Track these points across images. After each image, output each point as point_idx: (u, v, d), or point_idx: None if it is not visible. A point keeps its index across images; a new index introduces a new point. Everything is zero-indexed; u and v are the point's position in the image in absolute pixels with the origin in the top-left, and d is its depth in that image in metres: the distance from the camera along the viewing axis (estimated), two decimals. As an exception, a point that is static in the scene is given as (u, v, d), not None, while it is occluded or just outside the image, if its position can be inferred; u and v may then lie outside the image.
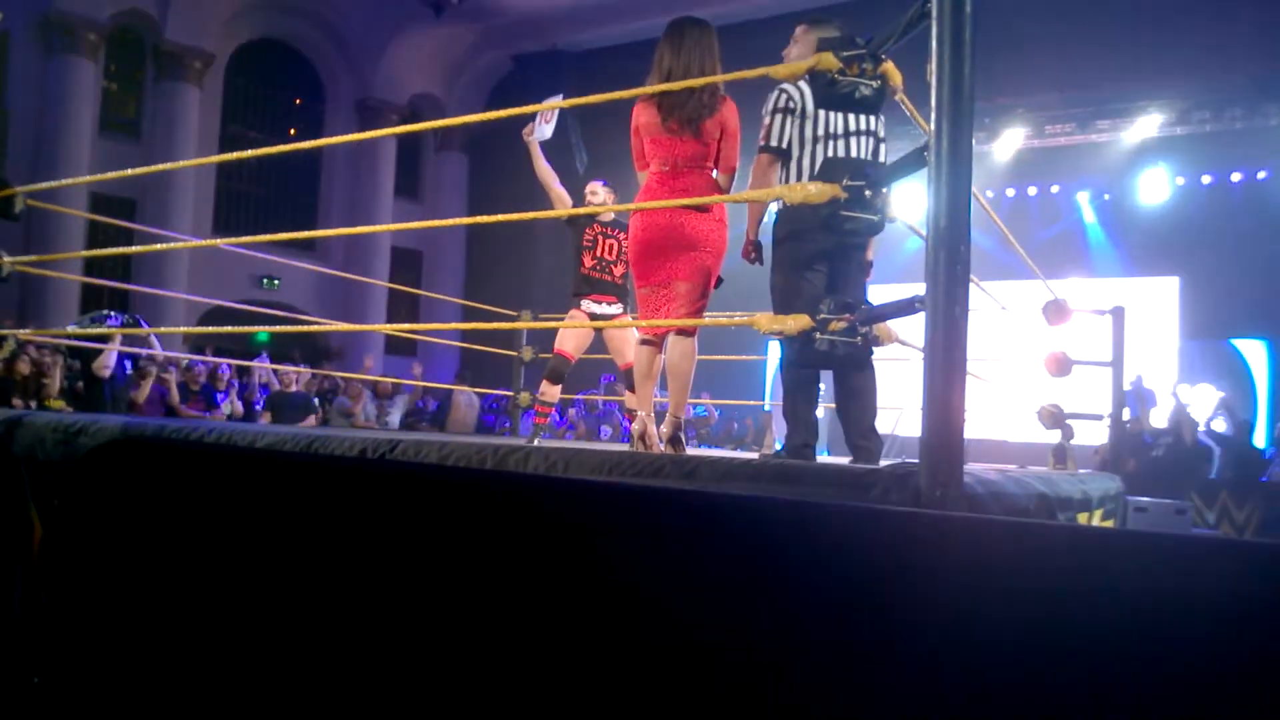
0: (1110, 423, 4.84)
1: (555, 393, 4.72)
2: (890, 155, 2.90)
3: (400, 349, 15.07)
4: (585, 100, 2.82)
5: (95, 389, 6.66)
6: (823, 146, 3.00)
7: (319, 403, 9.01)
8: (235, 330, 4.10)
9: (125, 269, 13.05)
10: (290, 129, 15.81)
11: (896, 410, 8.27)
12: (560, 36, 14.83)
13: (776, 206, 3.14)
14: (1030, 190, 12.47)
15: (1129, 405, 6.01)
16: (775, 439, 9.01)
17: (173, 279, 12.95)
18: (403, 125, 3.92)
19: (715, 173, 3.24)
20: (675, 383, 3.28)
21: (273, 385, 8.95)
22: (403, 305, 15.55)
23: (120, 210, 12.45)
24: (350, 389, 9.29)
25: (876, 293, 3.22)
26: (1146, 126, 11.28)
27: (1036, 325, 4.70)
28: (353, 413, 9.11)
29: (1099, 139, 11.76)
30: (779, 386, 3.18)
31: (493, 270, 15.50)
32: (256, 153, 3.59)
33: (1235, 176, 11.33)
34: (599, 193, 4.73)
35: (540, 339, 6.36)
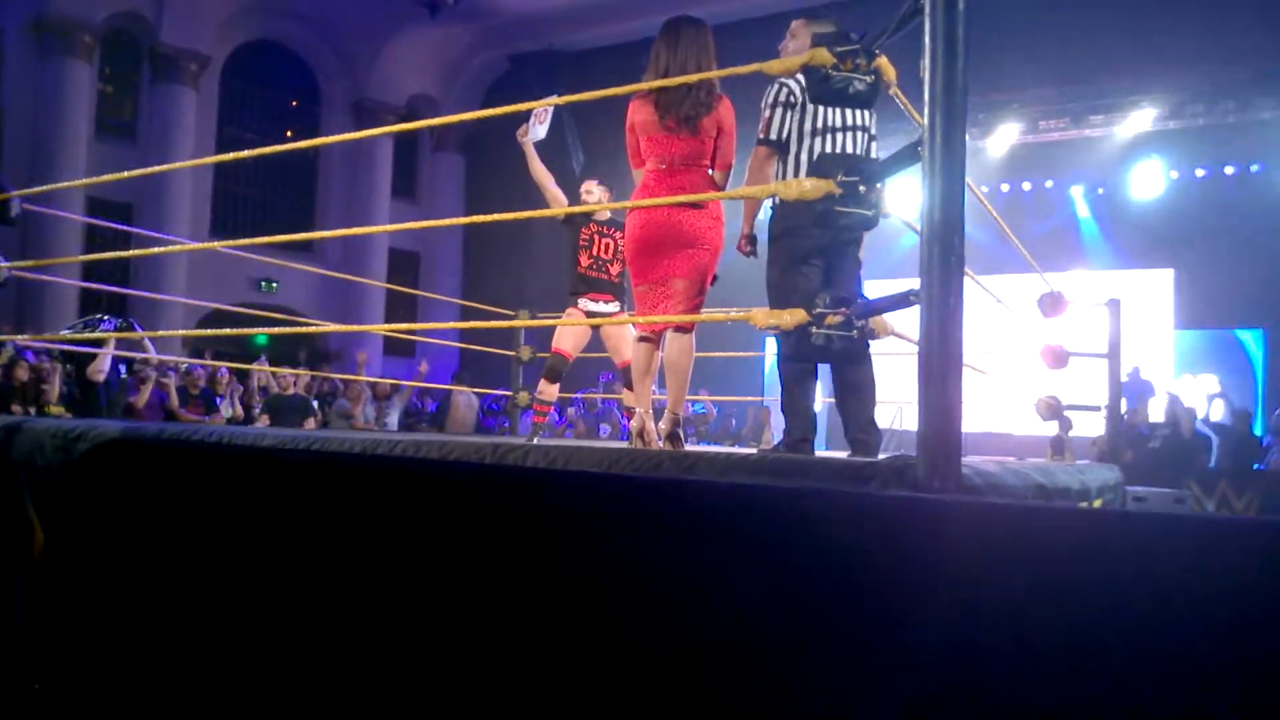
0: (1107, 414, 4.85)
1: (554, 391, 4.73)
2: (885, 153, 2.90)
3: (399, 350, 15.07)
4: (581, 97, 2.82)
5: (90, 394, 6.64)
6: (819, 141, 3.01)
7: (319, 405, 9.01)
8: (233, 333, 4.10)
9: (123, 273, 13.04)
10: (287, 131, 15.80)
11: (896, 405, 8.30)
12: (556, 36, 14.83)
13: (772, 202, 3.15)
14: (1024, 185, 12.50)
15: (1126, 397, 6.03)
16: (773, 434, 9.03)
17: (171, 283, 12.94)
18: (399, 126, 3.91)
19: (712, 171, 3.25)
20: (673, 379, 3.30)
21: (271, 388, 8.95)
22: (401, 306, 15.55)
23: (117, 214, 12.43)
24: (350, 391, 9.29)
25: (873, 288, 3.24)
26: (1140, 121, 11.31)
27: (1033, 318, 4.71)
28: (352, 414, 9.12)
29: (1093, 134, 11.78)
30: (777, 382, 3.19)
31: (490, 271, 15.50)
32: (253, 153, 3.60)
33: (1229, 170, 11.36)
34: (594, 191, 4.74)
35: (538, 338, 6.37)
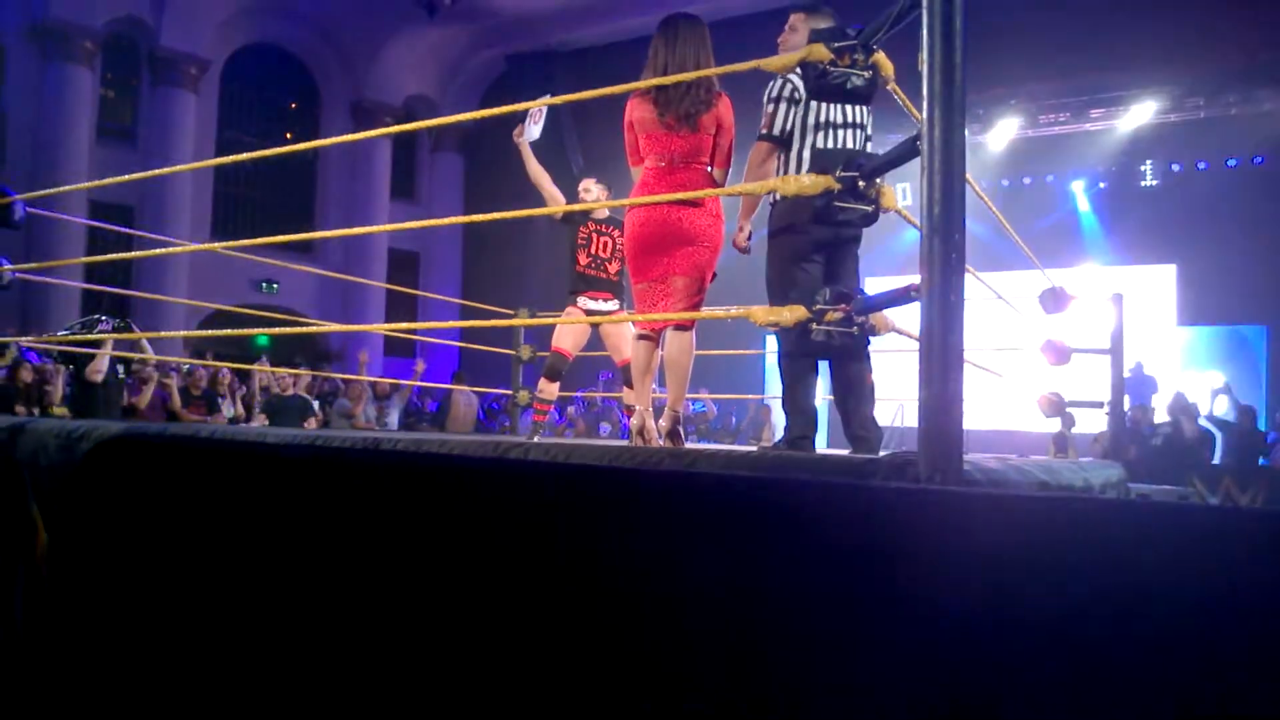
0: (1110, 410, 4.83)
1: (554, 390, 4.73)
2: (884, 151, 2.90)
3: (399, 350, 15.09)
4: (580, 96, 2.82)
5: (89, 394, 6.61)
6: (820, 136, 3.01)
7: (319, 405, 9.00)
8: (232, 334, 4.10)
9: (125, 275, 13.06)
10: (286, 133, 15.81)
11: (897, 402, 8.29)
12: (554, 36, 14.83)
13: (772, 198, 3.15)
14: (1025, 180, 12.48)
15: (1129, 393, 6.01)
16: (773, 432, 9.01)
17: (172, 284, 12.97)
18: (397, 127, 3.92)
19: (711, 168, 3.25)
20: (674, 377, 3.29)
21: (272, 389, 8.95)
22: (401, 307, 15.56)
23: (119, 217, 12.46)
24: (351, 390, 9.29)
25: (873, 284, 3.23)
26: (1141, 114, 11.29)
27: (1035, 314, 4.70)
28: (354, 414, 9.11)
29: (1093, 128, 11.77)
30: (778, 379, 3.18)
31: (489, 270, 15.51)
32: (252, 155, 3.59)
33: (1231, 163, 11.34)
34: (592, 190, 4.74)
35: (538, 337, 6.37)
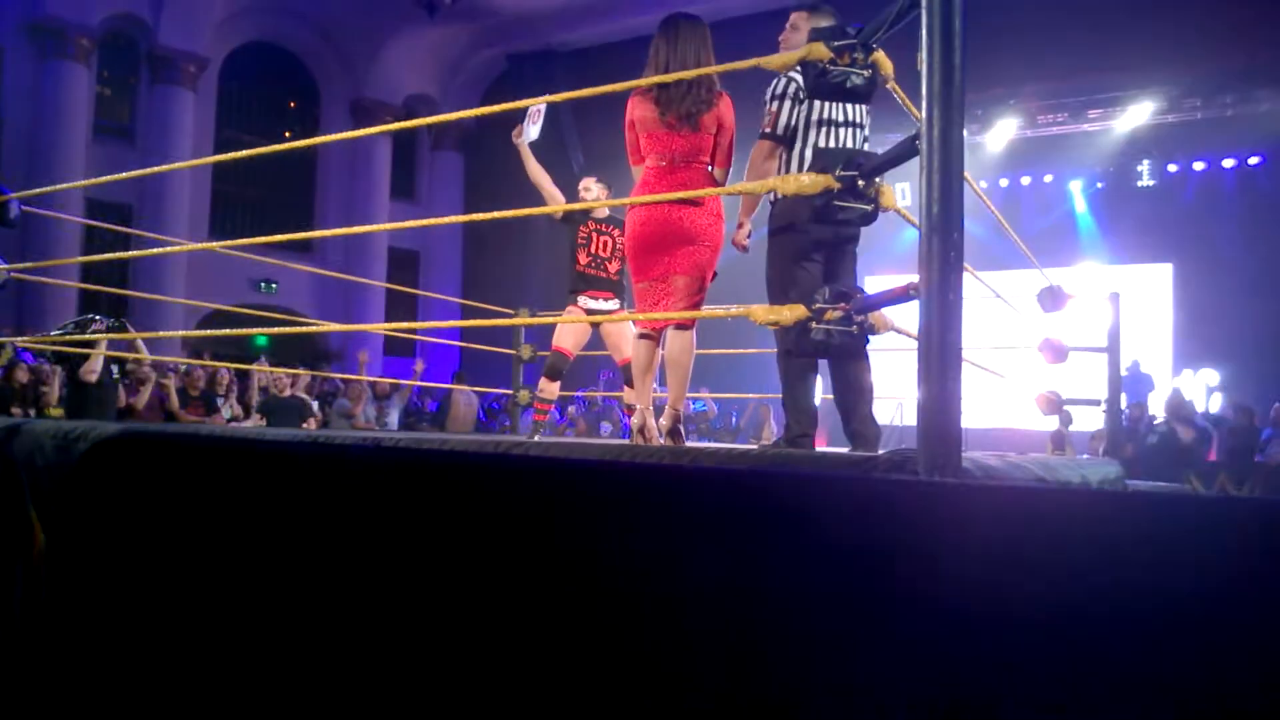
0: (1107, 408, 4.84)
1: (554, 390, 4.73)
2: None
3: (399, 350, 15.09)
4: (580, 94, 2.82)
5: (83, 395, 6.59)
6: (820, 134, 3.01)
7: (319, 405, 9.00)
8: (231, 333, 4.10)
9: (122, 274, 13.04)
10: (285, 132, 15.80)
11: (896, 400, 8.30)
12: (554, 35, 14.83)
13: (771, 197, 3.16)
14: (1024, 180, 12.50)
15: (1126, 391, 6.03)
16: (773, 431, 9.02)
17: (170, 284, 12.95)
18: (397, 124, 3.92)
19: (712, 168, 3.25)
20: (674, 376, 3.30)
21: (271, 389, 8.94)
22: (401, 306, 15.56)
23: (116, 215, 12.45)
24: (351, 390, 9.29)
25: (873, 283, 3.23)
26: (1138, 114, 11.31)
27: (1033, 313, 4.70)
28: (353, 414, 9.11)
29: (1091, 128, 11.79)
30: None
31: (490, 270, 15.52)
32: (251, 153, 3.59)
33: (1228, 163, 11.36)
34: (592, 189, 4.74)
35: (539, 337, 6.37)
